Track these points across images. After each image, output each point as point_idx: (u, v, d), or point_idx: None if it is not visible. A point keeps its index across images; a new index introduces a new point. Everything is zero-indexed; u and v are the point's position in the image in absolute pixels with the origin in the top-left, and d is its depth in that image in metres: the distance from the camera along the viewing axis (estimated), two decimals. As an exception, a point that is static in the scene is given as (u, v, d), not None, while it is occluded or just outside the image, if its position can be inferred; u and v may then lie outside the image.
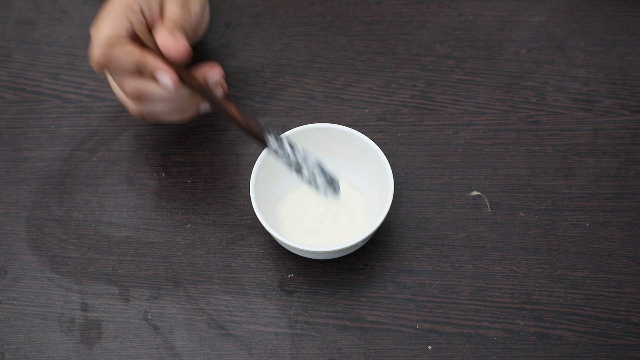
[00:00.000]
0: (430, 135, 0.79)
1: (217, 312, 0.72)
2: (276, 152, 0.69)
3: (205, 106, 0.73)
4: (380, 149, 0.71)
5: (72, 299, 0.73)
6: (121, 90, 0.70)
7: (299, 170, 0.69)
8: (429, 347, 0.70)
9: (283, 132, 0.72)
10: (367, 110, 0.80)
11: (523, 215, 0.75)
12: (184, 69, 0.69)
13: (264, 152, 0.71)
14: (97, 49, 0.67)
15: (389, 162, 0.71)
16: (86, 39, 0.85)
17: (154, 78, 0.68)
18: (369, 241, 0.74)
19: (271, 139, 0.68)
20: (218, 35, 0.84)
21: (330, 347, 0.71)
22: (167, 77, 0.67)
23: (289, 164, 0.69)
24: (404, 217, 0.75)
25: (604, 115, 0.79)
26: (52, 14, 0.87)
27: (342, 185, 0.75)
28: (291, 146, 0.69)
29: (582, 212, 0.75)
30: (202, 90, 0.69)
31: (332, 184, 0.70)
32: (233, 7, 0.85)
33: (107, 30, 0.68)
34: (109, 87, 0.81)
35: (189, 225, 0.76)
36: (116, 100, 0.80)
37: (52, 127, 0.80)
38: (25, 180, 0.78)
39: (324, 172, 0.69)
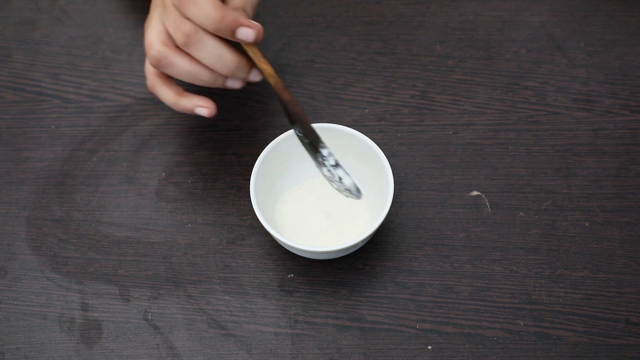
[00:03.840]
0: (430, 135, 0.79)
1: (217, 312, 0.72)
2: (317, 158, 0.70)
3: (255, 76, 0.72)
4: (380, 149, 0.71)
5: (72, 299, 0.73)
6: (174, 30, 0.68)
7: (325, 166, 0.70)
8: (429, 347, 0.70)
9: (286, 131, 0.72)
10: (367, 110, 0.80)
11: (523, 215, 0.75)
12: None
13: (264, 152, 0.71)
14: None
15: (389, 162, 0.71)
16: (86, 39, 0.85)
17: (231, 35, 0.68)
18: (369, 241, 0.74)
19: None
20: (218, 35, 0.84)
21: (330, 347, 0.71)
22: (250, 32, 0.68)
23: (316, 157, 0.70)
24: (404, 217, 0.75)
25: (604, 115, 0.79)
26: (52, 14, 0.87)
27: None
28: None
29: (582, 212, 0.75)
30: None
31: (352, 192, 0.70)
32: (233, 7, 0.85)
33: None
34: (110, 87, 0.81)
35: (189, 225, 0.76)
36: (116, 100, 0.80)
37: (52, 127, 0.80)
38: (25, 180, 0.78)
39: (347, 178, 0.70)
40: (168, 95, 0.73)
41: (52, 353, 0.71)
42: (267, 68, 0.69)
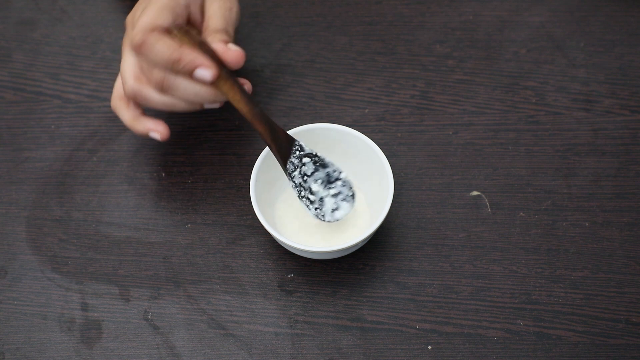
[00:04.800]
0: (430, 135, 0.79)
1: (217, 312, 0.72)
2: (292, 172, 0.70)
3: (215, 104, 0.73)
4: (380, 149, 0.71)
5: (72, 299, 0.73)
6: (147, 75, 0.70)
7: (303, 188, 0.71)
8: (429, 347, 0.70)
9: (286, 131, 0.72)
10: (367, 110, 0.80)
11: (523, 215, 0.75)
12: (222, 65, 0.69)
13: (265, 152, 0.71)
14: (139, 32, 0.68)
15: (389, 162, 0.71)
16: (86, 39, 0.85)
17: (189, 76, 0.68)
18: (369, 241, 0.74)
19: (296, 153, 0.70)
20: (218, 35, 0.84)
21: (330, 347, 0.71)
22: (207, 73, 0.68)
23: (299, 181, 0.71)
24: (404, 217, 0.75)
25: (603, 115, 0.79)
26: (52, 14, 0.87)
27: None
28: (316, 156, 0.70)
29: (582, 212, 0.75)
30: (238, 86, 0.69)
31: (342, 203, 0.71)
32: (233, 7, 0.85)
33: (152, 17, 0.68)
34: (110, 87, 0.81)
35: (189, 225, 0.76)
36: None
37: (52, 127, 0.80)
38: (25, 180, 0.78)
39: (346, 187, 0.71)
40: (126, 118, 0.74)
41: (52, 353, 0.71)
42: (242, 108, 0.69)
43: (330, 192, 0.71)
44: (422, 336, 0.71)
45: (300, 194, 0.71)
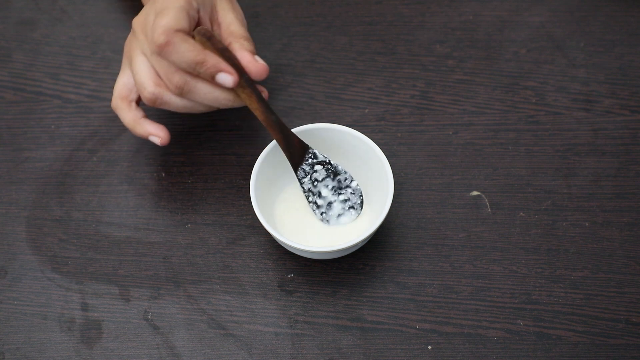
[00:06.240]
0: (430, 135, 0.79)
1: (217, 312, 0.72)
2: (302, 178, 0.72)
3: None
4: (380, 149, 0.71)
5: (72, 299, 0.73)
6: (166, 79, 0.70)
7: (312, 193, 0.72)
8: (429, 347, 0.70)
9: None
10: (367, 110, 0.80)
11: (523, 215, 0.75)
12: (243, 72, 0.69)
13: (264, 152, 0.71)
14: (162, 33, 0.67)
15: (389, 162, 0.71)
16: (86, 39, 0.85)
17: (211, 78, 0.69)
18: (369, 241, 0.74)
19: (312, 156, 0.71)
20: (218, 35, 0.84)
21: (330, 347, 0.71)
22: (229, 78, 0.69)
23: (309, 187, 0.72)
24: (404, 217, 0.75)
25: (603, 115, 0.79)
26: (52, 14, 0.87)
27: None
28: (329, 163, 0.72)
29: (582, 212, 0.75)
30: (257, 95, 0.70)
31: (347, 209, 0.72)
32: (233, 7, 0.85)
33: (173, 19, 0.68)
34: (110, 87, 0.81)
35: (189, 225, 0.76)
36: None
37: (52, 127, 0.80)
38: (25, 180, 0.78)
39: (354, 193, 0.72)
40: (127, 119, 0.74)
41: (52, 353, 0.71)
42: (259, 115, 0.70)
43: (340, 198, 0.72)
44: (422, 336, 0.71)
45: (308, 198, 0.72)
